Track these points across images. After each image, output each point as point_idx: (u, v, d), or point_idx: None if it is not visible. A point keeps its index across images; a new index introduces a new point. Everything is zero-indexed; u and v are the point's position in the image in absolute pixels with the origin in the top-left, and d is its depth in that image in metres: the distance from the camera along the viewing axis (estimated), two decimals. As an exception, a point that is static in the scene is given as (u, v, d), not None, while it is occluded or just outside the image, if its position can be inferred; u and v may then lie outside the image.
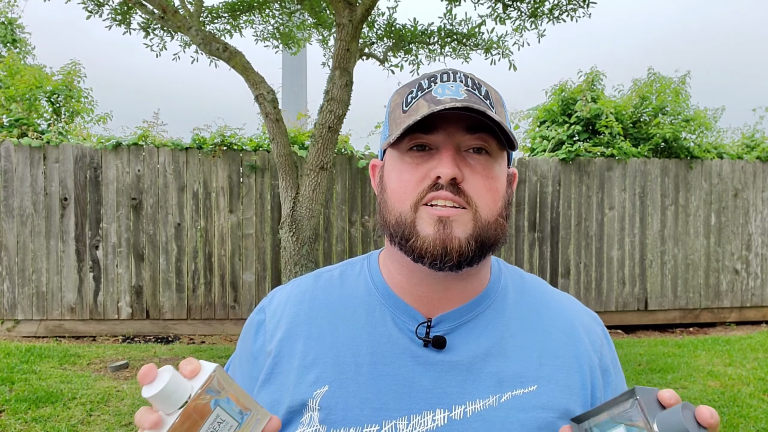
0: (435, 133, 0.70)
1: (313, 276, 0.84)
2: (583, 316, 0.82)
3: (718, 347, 5.30)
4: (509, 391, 0.71)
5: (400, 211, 0.71)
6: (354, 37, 3.54)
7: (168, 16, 3.64)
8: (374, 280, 0.79)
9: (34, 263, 5.40)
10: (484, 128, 0.70)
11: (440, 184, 0.68)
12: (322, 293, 0.80)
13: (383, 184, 0.76)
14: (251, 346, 0.79)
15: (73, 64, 6.53)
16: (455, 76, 0.74)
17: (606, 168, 6.21)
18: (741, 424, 3.45)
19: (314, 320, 0.77)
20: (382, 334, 0.74)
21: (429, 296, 0.75)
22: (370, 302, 0.77)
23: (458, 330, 0.74)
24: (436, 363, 0.72)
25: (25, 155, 5.37)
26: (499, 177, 0.74)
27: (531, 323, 0.77)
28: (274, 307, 0.81)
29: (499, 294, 0.79)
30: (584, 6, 3.96)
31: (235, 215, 5.67)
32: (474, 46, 4.67)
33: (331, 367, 0.72)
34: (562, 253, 6.12)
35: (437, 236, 0.68)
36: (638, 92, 6.89)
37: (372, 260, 0.83)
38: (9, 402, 3.58)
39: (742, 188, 6.46)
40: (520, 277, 0.85)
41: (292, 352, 0.75)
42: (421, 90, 0.72)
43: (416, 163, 0.71)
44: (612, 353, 0.81)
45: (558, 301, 0.82)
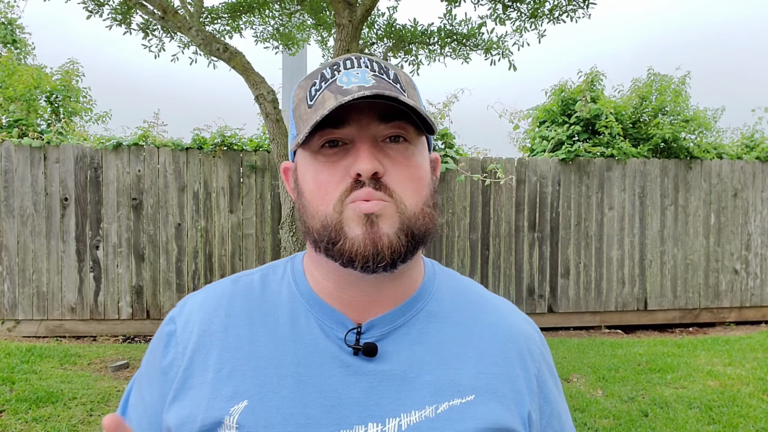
0: (346, 126, 0.64)
1: (230, 280, 0.77)
2: (522, 322, 0.78)
3: (718, 347, 5.31)
4: (446, 401, 0.66)
5: (324, 214, 0.65)
6: (354, 38, 3.54)
7: (168, 17, 3.64)
8: (298, 285, 0.73)
9: (35, 263, 5.40)
10: (398, 115, 0.65)
11: (361, 181, 0.63)
12: (240, 299, 0.73)
13: (299, 188, 0.70)
14: (161, 360, 0.71)
15: (71, 63, 6.53)
16: (359, 62, 0.68)
17: (606, 168, 6.21)
18: (741, 424, 3.46)
19: (231, 328, 0.70)
20: (308, 342, 0.68)
21: (359, 300, 0.70)
22: (294, 308, 0.71)
23: (391, 335, 0.69)
24: (368, 372, 0.66)
25: (25, 155, 5.37)
26: (421, 165, 0.69)
27: (469, 328, 0.73)
28: (186, 315, 0.73)
29: (433, 295, 0.74)
30: (584, 6, 3.97)
31: (236, 215, 5.67)
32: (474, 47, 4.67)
33: (250, 380, 0.66)
34: (561, 253, 6.13)
35: (366, 236, 0.63)
36: (638, 92, 6.90)
37: (296, 264, 0.77)
38: (9, 402, 3.58)
39: (742, 188, 6.47)
40: (456, 280, 0.79)
41: (206, 363, 0.68)
42: (325, 80, 0.67)
43: (331, 161, 0.65)
44: (549, 362, 0.78)
45: (496, 306, 0.77)
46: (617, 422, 3.48)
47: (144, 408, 0.72)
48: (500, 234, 6.03)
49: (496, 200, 6.02)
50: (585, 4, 3.95)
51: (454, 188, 5.90)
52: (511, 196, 6.06)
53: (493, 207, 6.02)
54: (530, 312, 6.03)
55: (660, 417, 3.57)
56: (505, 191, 6.04)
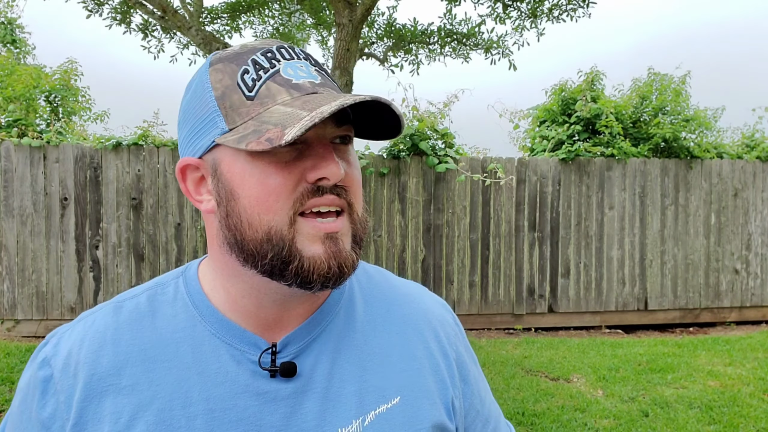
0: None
1: (112, 309, 0.65)
2: (434, 307, 0.74)
3: (718, 347, 5.30)
4: (372, 410, 0.62)
5: (270, 225, 0.56)
6: (354, 37, 3.54)
7: (168, 16, 3.64)
8: (197, 306, 0.64)
9: (34, 263, 5.40)
10: (347, 117, 0.60)
11: (323, 187, 0.57)
12: (128, 331, 0.63)
13: (228, 190, 0.58)
14: (39, 412, 0.60)
15: (70, 63, 6.53)
16: (293, 51, 0.61)
17: (606, 168, 6.21)
18: (741, 424, 3.46)
19: (123, 368, 0.60)
20: (217, 372, 0.60)
21: (278, 318, 0.63)
22: (194, 335, 0.62)
23: (308, 350, 0.63)
24: (287, 395, 0.60)
25: (25, 155, 5.37)
26: (359, 166, 0.64)
27: (384, 325, 0.68)
28: (64, 356, 0.62)
29: (346, 297, 0.69)
30: (584, 6, 3.96)
31: (235, 215, 5.66)
32: (474, 46, 4.67)
33: (154, 427, 0.58)
34: (562, 253, 6.12)
35: (330, 254, 0.57)
36: (638, 92, 6.90)
37: (189, 279, 0.67)
38: (9, 402, 3.58)
39: (742, 188, 6.46)
40: (365, 272, 0.74)
41: (99, 414, 0.58)
42: (263, 69, 0.58)
43: (283, 162, 0.57)
44: (465, 341, 0.75)
45: (408, 294, 0.73)
46: (617, 422, 3.47)
47: None
48: (500, 234, 6.02)
49: (496, 200, 6.02)
50: (585, 4, 3.95)
51: (454, 188, 5.90)
52: (511, 195, 6.05)
53: (493, 207, 6.01)
54: (530, 312, 6.03)
55: (660, 417, 3.57)
56: (506, 191, 6.03)
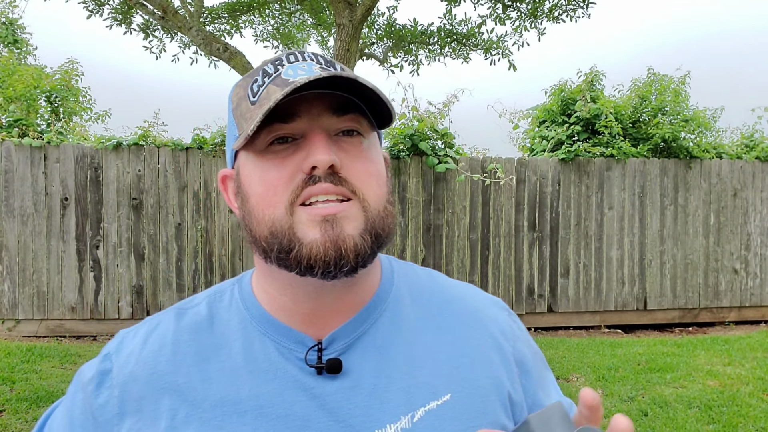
0: (297, 119, 0.59)
1: (173, 315, 0.69)
2: (487, 304, 0.74)
3: (717, 347, 5.31)
4: (422, 407, 0.61)
5: (272, 219, 0.59)
6: (354, 38, 3.55)
7: (168, 17, 3.64)
8: (248, 309, 0.67)
9: (35, 263, 5.41)
10: (352, 107, 0.60)
11: (316, 176, 0.57)
12: (187, 335, 0.66)
13: (243, 192, 0.63)
14: (92, 401, 0.63)
15: (71, 63, 6.54)
16: (303, 56, 0.63)
17: (605, 168, 6.22)
18: (740, 424, 3.46)
19: (180, 368, 0.63)
20: (266, 369, 0.62)
21: (318, 313, 0.64)
22: (246, 335, 0.65)
23: (355, 346, 0.64)
24: (334, 392, 0.61)
25: (25, 155, 5.38)
26: (378, 159, 0.64)
27: (434, 323, 0.68)
28: (125, 355, 0.66)
29: (393, 295, 0.69)
30: (584, 6, 3.97)
31: (236, 215, 5.67)
32: (474, 47, 4.67)
33: (207, 423, 0.60)
34: (561, 253, 6.13)
35: (326, 238, 0.57)
36: (638, 92, 6.91)
37: (243, 285, 0.71)
38: (10, 402, 3.58)
39: (742, 188, 6.47)
40: (414, 273, 0.75)
41: (157, 412, 0.61)
42: (268, 75, 0.62)
43: (281, 157, 0.59)
44: (523, 336, 0.74)
45: (459, 295, 0.73)
46: (617, 422, 3.48)
47: None
48: (500, 234, 6.03)
49: (496, 200, 6.03)
50: (585, 4, 3.96)
51: (453, 188, 5.90)
52: (510, 195, 6.06)
53: (492, 207, 6.02)
54: (530, 312, 6.04)
55: (660, 416, 3.58)
56: (505, 191, 6.04)
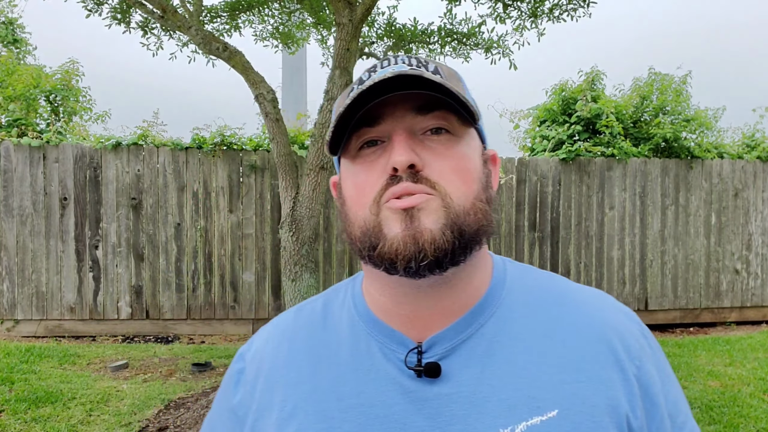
0: (382, 122, 0.60)
1: (294, 311, 0.74)
2: (613, 314, 0.68)
3: (719, 347, 5.29)
4: (523, 421, 0.58)
5: (362, 218, 0.61)
6: (354, 37, 3.53)
7: (168, 16, 3.63)
8: (357, 307, 0.69)
9: (34, 263, 5.40)
10: (439, 105, 0.60)
11: (399, 176, 0.59)
12: (303, 331, 0.70)
13: (342, 198, 0.66)
14: (231, 399, 0.70)
15: (71, 63, 6.53)
16: (397, 59, 0.64)
17: (606, 168, 6.20)
18: (741, 424, 3.45)
19: (293, 363, 0.67)
20: (369, 369, 0.63)
21: (417, 315, 0.64)
22: (354, 333, 0.67)
23: (456, 352, 0.62)
24: (432, 397, 0.60)
25: (24, 155, 5.36)
26: (467, 156, 0.63)
27: (547, 332, 0.64)
28: (253, 352, 0.71)
29: (503, 300, 0.66)
30: (584, 5, 3.96)
31: (235, 215, 5.66)
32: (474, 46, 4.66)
33: (312, 417, 0.62)
34: (562, 253, 6.12)
35: (406, 232, 0.57)
36: (639, 92, 6.89)
37: (356, 284, 0.73)
38: (9, 402, 3.57)
39: (743, 188, 6.45)
40: (532, 276, 0.71)
41: (271, 403, 0.65)
42: (361, 83, 0.63)
43: (369, 160, 0.61)
44: (655, 358, 0.68)
45: (582, 301, 0.68)
46: (618, 423, 3.47)
47: None
48: (500, 234, 6.01)
49: (496, 200, 6.00)
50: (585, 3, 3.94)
51: (454, 188, 5.89)
52: (511, 195, 6.05)
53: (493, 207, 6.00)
54: (530, 312, 6.03)
55: (661, 417, 3.56)
56: (506, 191, 6.03)
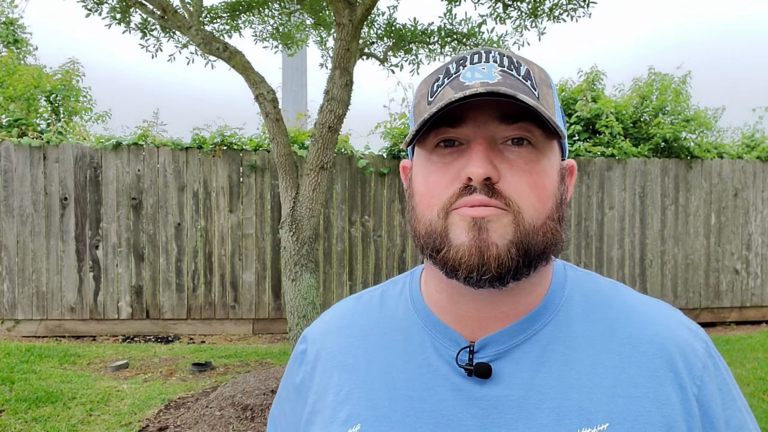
0: (463, 125, 0.59)
1: (354, 298, 0.77)
2: (678, 330, 0.65)
3: (718, 347, 5.30)
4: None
5: (429, 219, 0.61)
6: (354, 37, 3.53)
7: (168, 16, 3.63)
8: (414, 300, 0.70)
9: (34, 263, 5.40)
10: (524, 115, 0.59)
11: (473, 186, 0.58)
12: (360, 318, 0.72)
13: (411, 188, 0.66)
14: (295, 378, 0.74)
15: (72, 63, 6.53)
16: (488, 56, 0.62)
17: (606, 168, 6.21)
18: (741, 424, 3.45)
19: (350, 349, 0.69)
20: (421, 362, 0.64)
21: (473, 315, 0.64)
22: (409, 325, 0.68)
23: (508, 355, 0.62)
24: (481, 397, 0.60)
25: (25, 155, 5.37)
26: (546, 171, 0.62)
27: (604, 343, 0.63)
28: (314, 334, 0.74)
29: (561, 307, 0.65)
30: (584, 5, 3.96)
31: (235, 215, 5.66)
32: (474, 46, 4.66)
33: (364, 403, 0.64)
34: (562, 253, 6.12)
35: (473, 243, 0.57)
36: (638, 92, 6.89)
37: (414, 277, 0.73)
38: (9, 402, 3.58)
39: (742, 188, 6.46)
40: (594, 284, 0.70)
41: (328, 386, 0.68)
42: (449, 75, 0.62)
43: (444, 162, 0.61)
44: (720, 377, 0.65)
45: (644, 313, 0.66)
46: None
47: (287, 422, 0.75)
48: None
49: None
50: (585, 3, 3.94)
51: (454, 188, 5.90)
52: (511, 195, 6.05)
53: (493, 207, 6.01)
54: (530, 312, 6.04)
55: (660, 417, 3.56)
56: (506, 191, 6.03)
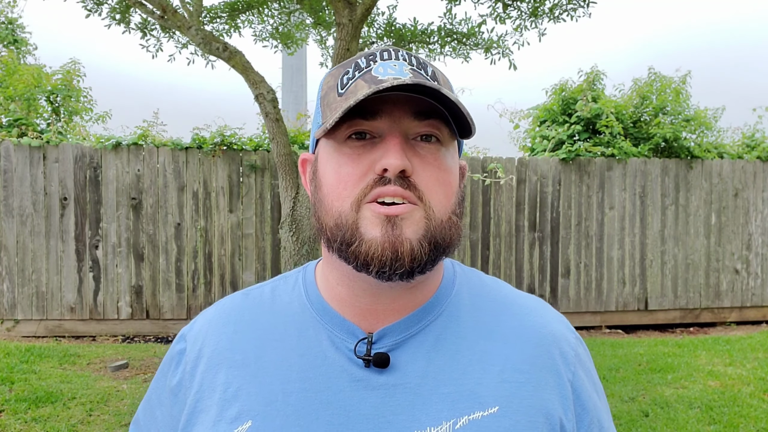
0: (378, 118, 0.60)
1: (242, 294, 0.74)
2: (552, 323, 0.71)
3: (719, 347, 5.29)
4: (466, 415, 0.60)
5: (339, 211, 0.61)
6: (354, 37, 3.53)
7: (168, 16, 3.63)
8: (309, 294, 0.70)
9: (34, 263, 5.40)
10: (434, 113, 0.61)
11: (387, 177, 0.59)
12: (249, 313, 0.70)
13: (317, 180, 0.65)
14: (171, 379, 0.70)
15: (72, 63, 6.52)
16: (397, 54, 0.64)
17: (606, 168, 6.20)
18: (741, 424, 3.45)
19: (238, 345, 0.67)
20: (316, 355, 0.64)
21: (372, 309, 0.65)
22: (303, 320, 0.68)
23: (404, 345, 0.64)
24: (379, 386, 0.62)
25: (24, 155, 5.37)
26: (452, 169, 0.65)
27: (490, 333, 0.67)
28: (195, 332, 0.71)
29: (452, 300, 0.69)
30: (584, 5, 3.96)
31: (235, 215, 5.66)
32: (474, 46, 4.66)
33: (255, 399, 0.62)
34: (562, 253, 6.12)
35: (385, 239, 0.58)
36: (639, 92, 6.89)
37: (308, 272, 0.73)
38: (9, 402, 3.57)
39: (743, 188, 6.45)
40: (479, 280, 0.74)
41: (214, 384, 0.65)
42: (359, 69, 0.63)
43: (357, 153, 0.61)
44: (587, 365, 0.71)
45: (523, 307, 0.71)
46: (618, 422, 3.47)
47: (157, 428, 0.71)
48: (500, 234, 6.02)
49: (497, 200, 6.01)
50: (585, 3, 3.94)
51: (454, 188, 5.89)
52: (511, 195, 6.05)
53: (493, 207, 6.01)
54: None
55: (660, 417, 3.56)
56: (506, 191, 6.03)
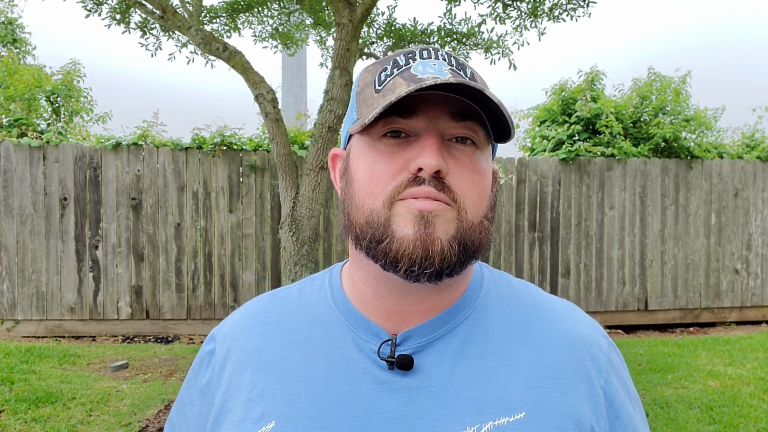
0: (415, 117, 0.60)
1: (269, 295, 0.75)
2: (584, 327, 0.69)
3: (719, 347, 5.29)
4: (491, 421, 0.59)
5: (371, 209, 0.60)
6: (354, 37, 3.53)
7: (168, 16, 3.63)
8: (334, 295, 0.69)
9: (34, 263, 5.40)
10: (471, 115, 0.61)
11: (421, 177, 0.58)
12: (276, 314, 0.70)
13: (349, 176, 0.65)
14: (201, 379, 0.71)
15: (73, 64, 6.53)
16: (437, 53, 0.63)
17: (606, 168, 6.20)
18: (741, 424, 3.45)
19: (264, 346, 0.67)
20: (340, 356, 0.64)
21: (398, 310, 0.64)
22: (328, 321, 0.67)
23: (429, 348, 0.63)
24: (402, 389, 0.61)
25: (24, 155, 5.37)
26: (486, 173, 0.65)
27: (518, 337, 0.66)
28: (224, 333, 0.72)
29: (479, 303, 0.68)
30: (584, 5, 3.96)
31: (235, 215, 5.66)
32: (474, 46, 4.66)
33: (279, 399, 0.62)
34: (562, 253, 6.12)
35: (417, 236, 0.57)
36: (638, 92, 6.89)
37: (334, 273, 0.73)
38: (9, 402, 3.57)
39: (743, 188, 6.46)
40: (507, 283, 0.73)
41: (240, 384, 0.65)
42: (397, 66, 0.62)
43: (391, 151, 0.60)
44: (620, 371, 0.69)
45: (553, 310, 0.70)
46: (618, 422, 3.47)
47: (188, 427, 0.72)
48: (500, 234, 6.01)
49: (496, 200, 6.01)
50: (585, 3, 3.94)
51: (454, 188, 5.89)
52: (511, 195, 6.05)
53: (493, 207, 6.01)
54: (530, 312, 6.03)
55: (661, 417, 3.56)
56: (506, 191, 6.03)
